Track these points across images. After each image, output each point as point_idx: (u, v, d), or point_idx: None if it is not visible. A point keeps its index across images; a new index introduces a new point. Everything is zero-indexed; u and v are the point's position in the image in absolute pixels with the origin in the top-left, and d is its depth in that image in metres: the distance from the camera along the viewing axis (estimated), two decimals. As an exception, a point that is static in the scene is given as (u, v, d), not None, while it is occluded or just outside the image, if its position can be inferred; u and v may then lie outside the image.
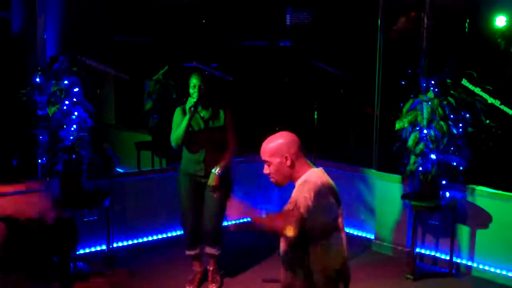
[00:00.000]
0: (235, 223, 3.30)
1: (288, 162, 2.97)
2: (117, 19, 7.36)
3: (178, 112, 5.04)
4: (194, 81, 4.93)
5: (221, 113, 5.05)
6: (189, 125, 4.89)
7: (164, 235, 6.27)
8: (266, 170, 3.05)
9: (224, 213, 5.08)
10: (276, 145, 3.01)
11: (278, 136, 3.04)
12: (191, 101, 4.90)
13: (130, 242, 6.03)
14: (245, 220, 3.13)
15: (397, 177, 5.89)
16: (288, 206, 2.88)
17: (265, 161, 3.04)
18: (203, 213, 5.06)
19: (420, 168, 5.36)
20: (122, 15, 7.47)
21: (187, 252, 5.21)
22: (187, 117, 4.88)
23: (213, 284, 5.18)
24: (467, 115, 5.45)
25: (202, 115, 4.98)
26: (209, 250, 5.16)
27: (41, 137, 5.10)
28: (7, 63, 5.57)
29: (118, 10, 7.24)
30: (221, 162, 4.96)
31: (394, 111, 5.53)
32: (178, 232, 6.27)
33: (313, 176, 2.97)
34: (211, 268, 5.22)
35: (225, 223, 5.14)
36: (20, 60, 5.57)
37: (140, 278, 5.37)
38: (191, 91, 4.94)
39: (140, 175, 6.39)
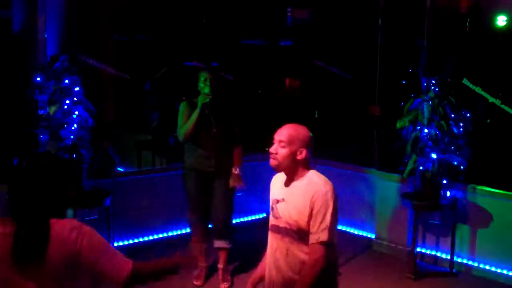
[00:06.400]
0: None
1: (302, 156, 2.99)
2: (117, 19, 7.36)
3: (184, 106, 5.02)
4: (205, 75, 4.93)
5: (230, 109, 5.08)
6: (198, 119, 4.86)
7: (165, 234, 6.26)
8: (275, 149, 3.00)
9: (233, 206, 5.11)
10: (300, 134, 3.01)
11: (305, 129, 3.04)
12: (206, 98, 4.86)
13: (130, 242, 6.03)
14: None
15: (398, 177, 5.88)
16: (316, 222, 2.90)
17: (279, 141, 3.00)
18: (212, 207, 5.04)
19: (421, 168, 5.35)
20: (122, 15, 7.47)
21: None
22: (197, 111, 4.85)
23: (224, 283, 5.11)
24: (468, 114, 5.44)
25: (213, 110, 4.95)
26: (218, 243, 5.08)
27: (41, 137, 5.09)
28: (8, 62, 5.56)
29: (118, 9, 7.25)
30: (237, 160, 5.00)
31: (395, 111, 5.53)
32: (179, 232, 6.28)
33: (325, 180, 3.00)
34: (221, 266, 5.14)
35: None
36: (21, 59, 5.57)
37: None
38: (201, 85, 4.91)
39: (140, 174, 6.39)
